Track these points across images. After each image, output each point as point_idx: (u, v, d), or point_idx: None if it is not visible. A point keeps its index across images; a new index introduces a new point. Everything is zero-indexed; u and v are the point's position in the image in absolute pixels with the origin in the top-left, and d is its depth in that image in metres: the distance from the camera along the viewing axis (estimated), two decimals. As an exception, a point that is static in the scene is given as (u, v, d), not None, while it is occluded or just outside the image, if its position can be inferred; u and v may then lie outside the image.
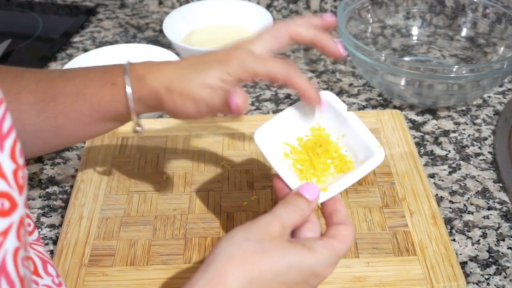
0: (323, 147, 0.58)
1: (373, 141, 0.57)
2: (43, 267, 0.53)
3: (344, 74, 0.99)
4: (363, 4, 0.99)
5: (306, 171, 0.57)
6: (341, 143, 0.59)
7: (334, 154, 0.58)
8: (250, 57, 0.57)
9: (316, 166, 0.57)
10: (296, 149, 0.59)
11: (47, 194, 0.77)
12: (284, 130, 0.59)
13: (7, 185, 0.37)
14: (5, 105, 0.38)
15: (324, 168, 0.57)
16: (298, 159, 0.58)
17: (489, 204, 0.75)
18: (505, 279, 0.66)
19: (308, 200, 0.51)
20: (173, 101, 0.57)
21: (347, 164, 0.58)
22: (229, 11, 1.07)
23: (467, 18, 1.00)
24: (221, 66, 0.57)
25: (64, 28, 1.10)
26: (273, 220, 0.49)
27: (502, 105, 0.92)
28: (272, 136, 0.58)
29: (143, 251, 0.67)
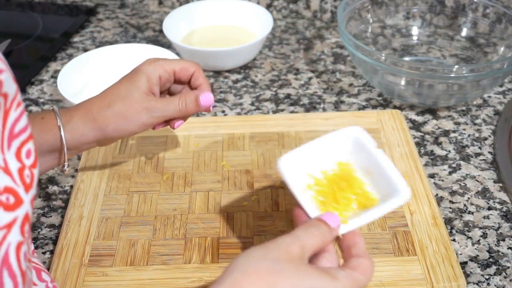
0: (348, 182, 0.57)
1: (400, 179, 0.56)
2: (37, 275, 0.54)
3: (344, 74, 0.99)
4: (363, 4, 0.99)
5: (328, 204, 0.56)
6: (366, 180, 0.58)
7: (358, 190, 0.57)
8: (161, 60, 0.67)
9: (339, 200, 0.56)
10: (320, 182, 0.58)
11: (47, 194, 0.77)
12: (309, 161, 0.58)
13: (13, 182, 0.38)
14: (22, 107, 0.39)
15: (346, 203, 0.56)
16: (320, 191, 0.57)
17: (489, 204, 0.75)
18: (505, 279, 0.66)
19: (330, 226, 0.50)
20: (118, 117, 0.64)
21: (371, 201, 0.56)
22: (229, 11, 1.07)
23: (467, 18, 1.00)
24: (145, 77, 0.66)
25: (64, 28, 1.10)
26: (293, 242, 0.48)
27: (502, 105, 0.92)
28: (296, 165, 0.57)
29: (143, 251, 0.67)
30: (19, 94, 0.39)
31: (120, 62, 0.94)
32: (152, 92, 0.66)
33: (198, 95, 0.67)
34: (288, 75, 0.99)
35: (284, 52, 1.05)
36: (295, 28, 1.12)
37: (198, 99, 0.66)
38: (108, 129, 0.64)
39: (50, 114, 0.64)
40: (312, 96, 0.94)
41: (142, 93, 0.65)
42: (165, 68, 0.67)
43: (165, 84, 0.68)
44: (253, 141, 0.82)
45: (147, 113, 0.65)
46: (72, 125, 0.64)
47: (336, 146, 0.59)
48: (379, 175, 0.57)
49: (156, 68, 0.66)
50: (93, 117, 0.64)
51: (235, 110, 0.91)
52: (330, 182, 0.57)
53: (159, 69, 0.66)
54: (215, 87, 0.96)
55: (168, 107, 0.66)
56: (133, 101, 0.64)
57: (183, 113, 0.67)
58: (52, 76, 1.00)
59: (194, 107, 0.67)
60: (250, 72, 1.00)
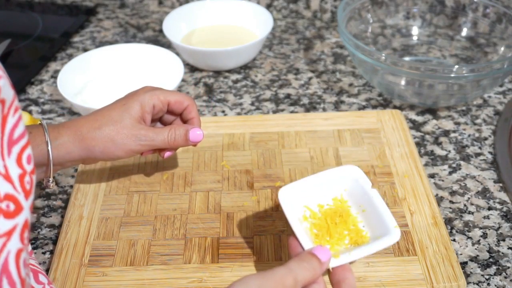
0: (342, 218, 0.61)
1: (391, 220, 0.59)
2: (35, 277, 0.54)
3: (344, 74, 0.99)
4: (363, 4, 0.99)
5: (322, 237, 0.59)
6: (360, 218, 0.62)
7: (351, 226, 0.60)
8: (158, 89, 0.69)
9: (332, 234, 0.59)
10: (315, 215, 0.61)
11: (47, 194, 0.77)
12: (307, 194, 0.61)
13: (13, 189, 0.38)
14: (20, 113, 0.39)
15: (339, 238, 0.59)
16: (315, 224, 0.60)
17: (490, 204, 0.75)
18: (505, 279, 0.66)
19: (320, 261, 0.53)
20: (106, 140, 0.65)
21: (362, 239, 0.60)
22: (229, 11, 1.07)
23: (467, 18, 1.00)
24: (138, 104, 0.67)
25: (64, 28, 1.10)
26: (287, 274, 0.51)
27: (502, 105, 0.92)
28: (295, 196, 0.60)
29: (143, 251, 0.67)
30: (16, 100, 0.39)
31: (120, 62, 0.94)
32: (144, 120, 0.68)
33: (188, 130, 0.68)
34: (288, 75, 0.99)
35: (284, 52, 1.05)
36: (295, 28, 1.12)
37: (187, 134, 0.68)
38: (95, 150, 0.65)
39: (38, 128, 0.64)
40: (312, 96, 0.94)
41: (133, 120, 0.66)
42: (160, 99, 0.68)
43: (158, 113, 0.69)
44: (253, 141, 0.82)
45: (135, 140, 0.66)
46: (59, 142, 0.64)
47: (333, 182, 0.63)
48: (372, 214, 0.61)
49: (152, 98, 0.67)
50: (82, 137, 0.65)
51: (235, 110, 0.91)
52: (325, 216, 0.61)
53: (155, 98, 0.67)
54: (215, 87, 0.96)
55: (157, 137, 0.67)
56: (124, 126, 0.66)
57: (171, 145, 0.68)
58: (52, 76, 1.00)
59: (183, 142, 0.68)
60: (250, 72, 1.00)
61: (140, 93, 0.68)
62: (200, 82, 0.98)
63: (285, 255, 0.66)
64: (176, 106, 0.69)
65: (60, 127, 0.65)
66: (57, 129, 0.65)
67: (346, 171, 0.63)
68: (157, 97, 0.68)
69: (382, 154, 0.79)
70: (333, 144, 0.81)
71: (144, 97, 0.67)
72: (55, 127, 0.65)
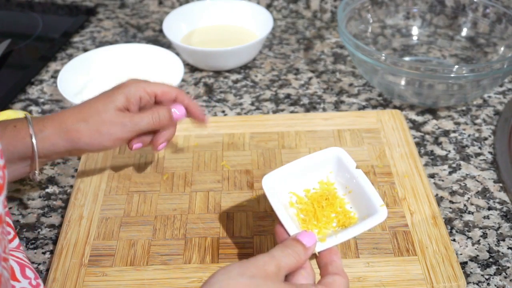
0: (329, 201, 0.61)
1: (378, 199, 0.59)
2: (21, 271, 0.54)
3: (344, 74, 0.99)
4: (363, 4, 0.99)
5: (309, 222, 0.59)
6: (347, 199, 0.62)
7: (338, 209, 0.60)
8: (144, 82, 0.69)
9: (320, 218, 0.59)
10: (302, 200, 0.61)
11: (47, 194, 0.77)
12: (292, 180, 0.61)
13: None
14: None
15: (327, 221, 0.59)
16: (302, 209, 0.60)
17: (489, 204, 0.75)
18: (505, 279, 0.66)
19: (305, 246, 0.53)
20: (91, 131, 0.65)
21: (350, 220, 0.60)
22: (229, 11, 1.07)
23: (467, 18, 1.00)
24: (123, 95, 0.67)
25: (64, 28, 1.10)
26: (269, 260, 0.50)
27: (502, 105, 0.92)
28: (280, 183, 0.60)
29: (143, 251, 0.67)
30: None
31: (120, 62, 0.94)
32: (129, 110, 0.68)
33: (171, 108, 0.68)
34: (288, 75, 0.99)
35: (284, 52, 1.05)
36: (295, 28, 1.12)
37: (171, 111, 0.68)
38: (80, 142, 0.65)
39: (22, 122, 0.65)
40: (312, 96, 0.94)
41: (117, 109, 0.66)
42: (147, 91, 0.68)
43: (146, 105, 0.69)
44: (253, 141, 0.82)
45: (121, 128, 0.66)
46: (44, 134, 0.64)
47: (318, 165, 0.62)
48: (359, 195, 0.61)
49: (138, 89, 0.68)
50: (67, 129, 0.65)
51: (235, 110, 0.91)
52: (311, 201, 0.61)
53: (141, 90, 0.68)
54: (215, 87, 0.96)
55: (142, 120, 0.67)
56: (108, 116, 0.66)
57: (157, 126, 0.68)
58: (52, 76, 1.00)
59: (167, 120, 0.68)
60: (250, 72, 1.00)
61: (126, 85, 0.68)
62: (200, 82, 0.98)
63: (285, 255, 0.66)
64: (164, 97, 0.69)
65: (45, 120, 0.65)
66: (41, 122, 0.65)
67: (330, 153, 0.63)
68: (143, 89, 0.68)
69: (382, 154, 0.79)
70: (333, 144, 0.81)
71: (129, 89, 0.67)
72: (40, 119, 0.65)
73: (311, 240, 0.53)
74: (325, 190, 0.62)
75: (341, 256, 0.66)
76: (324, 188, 0.62)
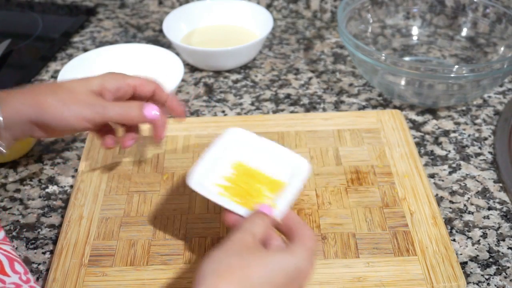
0: (251, 176, 0.62)
1: (293, 155, 0.61)
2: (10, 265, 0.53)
3: (344, 74, 0.99)
4: (363, 4, 0.99)
5: (246, 201, 0.60)
6: (264, 168, 0.63)
7: (263, 179, 0.62)
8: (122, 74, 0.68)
9: (252, 192, 0.60)
10: (228, 187, 0.61)
11: (47, 194, 0.77)
12: (210, 173, 0.62)
13: None
14: None
15: (259, 193, 0.60)
16: (234, 194, 0.61)
17: (489, 204, 0.75)
18: (505, 279, 0.66)
19: (267, 214, 0.55)
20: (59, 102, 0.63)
21: (279, 185, 0.61)
22: (229, 11, 1.07)
23: (467, 18, 1.00)
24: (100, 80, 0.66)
25: (64, 28, 1.10)
26: (243, 233, 0.52)
27: (502, 105, 0.92)
28: (203, 178, 0.61)
29: (143, 251, 0.67)
30: None
31: (120, 62, 0.94)
32: (103, 96, 0.67)
33: (144, 104, 0.67)
34: (288, 75, 0.99)
35: (284, 52, 1.05)
36: (295, 28, 1.12)
37: (142, 106, 0.66)
38: (45, 112, 0.63)
39: None
40: (312, 96, 0.94)
41: (91, 91, 0.65)
42: (126, 81, 0.68)
43: (124, 96, 0.69)
44: (253, 141, 0.82)
45: (88, 107, 0.64)
46: (9, 99, 0.63)
47: (226, 151, 0.64)
48: (274, 160, 0.62)
49: (116, 79, 0.67)
50: (34, 98, 0.63)
51: (235, 110, 0.91)
52: (236, 183, 0.61)
53: (119, 79, 0.67)
54: (215, 87, 0.96)
55: (112, 106, 0.65)
56: (79, 94, 0.64)
57: (126, 117, 0.66)
58: (52, 76, 1.00)
59: (137, 114, 0.66)
60: (250, 72, 1.00)
61: (105, 74, 0.68)
62: (200, 82, 0.98)
63: (285, 255, 0.66)
64: (142, 89, 0.69)
65: (12, 90, 0.64)
66: (8, 91, 0.64)
67: (229, 136, 0.64)
68: (122, 79, 0.67)
69: (382, 154, 0.79)
70: (333, 144, 0.81)
71: (108, 77, 0.67)
72: (7, 90, 0.64)
73: (268, 209, 0.55)
74: (242, 169, 0.63)
75: (341, 256, 0.66)
76: (240, 168, 0.63)
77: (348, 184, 0.75)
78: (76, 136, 0.86)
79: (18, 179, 0.79)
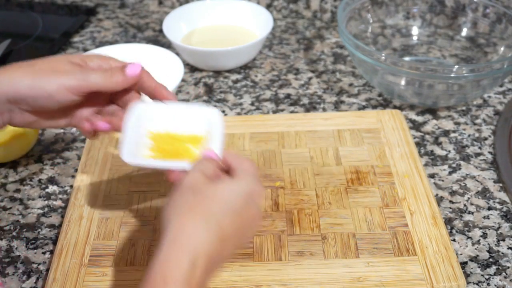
0: (171, 139, 0.62)
1: (201, 109, 0.62)
2: None
3: (344, 74, 0.99)
4: (363, 4, 0.99)
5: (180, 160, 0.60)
6: (180, 130, 0.63)
7: (184, 138, 0.62)
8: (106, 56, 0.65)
9: (181, 152, 0.61)
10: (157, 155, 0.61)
11: (47, 194, 0.77)
12: (135, 146, 0.61)
13: None
14: None
15: (187, 151, 0.61)
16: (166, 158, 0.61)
17: (489, 204, 0.75)
18: (505, 279, 0.66)
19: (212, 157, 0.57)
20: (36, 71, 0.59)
21: (200, 139, 0.61)
22: (229, 11, 1.07)
23: (467, 18, 1.00)
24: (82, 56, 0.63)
25: (64, 28, 1.10)
26: (194, 174, 0.53)
27: (502, 105, 0.92)
28: (132, 152, 0.60)
29: (143, 251, 0.67)
30: None
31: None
32: None
33: (126, 64, 0.63)
34: (288, 75, 0.99)
35: (284, 52, 1.05)
36: (295, 28, 1.12)
37: (124, 68, 0.62)
38: (21, 85, 0.58)
39: None
40: (312, 96, 0.94)
41: (71, 62, 0.61)
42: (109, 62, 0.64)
43: None
44: (253, 141, 0.82)
45: (70, 75, 0.60)
46: None
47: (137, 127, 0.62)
48: (185, 119, 0.62)
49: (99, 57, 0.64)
50: (10, 74, 0.58)
51: (235, 110, 0.91)
52: (162, 150, 0.62)
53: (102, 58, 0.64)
54: (215, 87, 0.96)
55: (94, 72, 0.61)
56: (59, 64, 0.60)
57: (109, 82, 0.62)
58: (52, 76, 1.00)
59: (121, 77, 0.62)
60: (250, 72, 1.00)
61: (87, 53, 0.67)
62: (200, 82, 0.98)
63: (285, 255, 0.66)
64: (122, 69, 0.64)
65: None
66: None
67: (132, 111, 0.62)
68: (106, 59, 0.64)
69: (382, 154, 0.79)
70: (333, 144, 0.81)
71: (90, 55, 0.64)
72: None
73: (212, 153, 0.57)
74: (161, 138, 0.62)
75: (341, 256, 0.66)
76: (158, 137, 0.62)
77: (348, 184, 0.75)
78: (76, 136, 0.86)
79: (18, 179, 0.79)
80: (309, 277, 0.64)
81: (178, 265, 0.46)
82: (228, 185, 0.53)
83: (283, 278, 0.64)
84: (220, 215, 0.50)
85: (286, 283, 0.64)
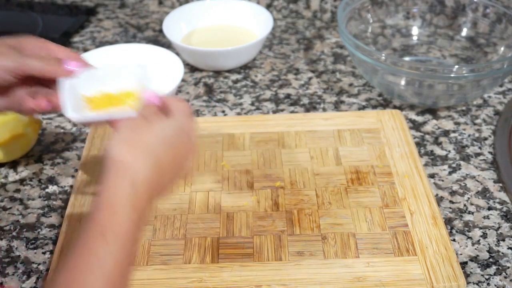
0: (106, 99, 0.63)
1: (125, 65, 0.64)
2: None
3: (344, 74, 0.99)
4: (363, 4, 0.99)
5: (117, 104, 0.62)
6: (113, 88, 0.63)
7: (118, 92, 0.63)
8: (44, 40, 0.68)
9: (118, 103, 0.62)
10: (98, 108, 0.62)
11: (47, 194, 0.77)
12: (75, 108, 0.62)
13: None
14: None
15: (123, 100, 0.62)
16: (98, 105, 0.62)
17: (489, 204, 0.75)
18: (505, 279, 0.66)
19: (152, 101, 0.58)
20: None
21: (133, 93, 0.62)
22: (229, 11, 1.07)
23: (467, 18, 1.00)
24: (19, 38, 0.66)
25: (64, 28, 1.10)
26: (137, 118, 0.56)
27: (502, 105, 0.92)
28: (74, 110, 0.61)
29: (143, 251, 0.67)
30: None
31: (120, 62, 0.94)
32: None
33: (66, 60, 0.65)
34: (288, 75, 0.99)
35: (284, 52, 1.05)
36: (295, 28, 1.12)
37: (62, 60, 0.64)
38: None
39: None
40: (312, 96, 0.94)
41: (7, 44, 0.65)
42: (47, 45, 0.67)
43: None
44: (253, 141, 0.82)
45: (6, 56, 0.64)
46: None
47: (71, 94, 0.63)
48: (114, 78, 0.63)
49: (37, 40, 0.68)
50: None
51: (235, 110, 0.91)
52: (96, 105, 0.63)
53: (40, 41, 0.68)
54: (215, 87, 0.96)
55: (31, 57, 0.64)
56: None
57: (45, 67, 0.64)
58: (52, 76, 1.00)
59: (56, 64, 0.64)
60: (250, 72, 1.00)
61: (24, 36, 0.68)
62: (200, 82, 0.98)
63: (285, 255, 0.67)
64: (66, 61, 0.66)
65: None
66: None
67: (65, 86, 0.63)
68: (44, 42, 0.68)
69: (382, 154, 0.79)
70: (333, 144, 0.81)
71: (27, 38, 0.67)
72: None
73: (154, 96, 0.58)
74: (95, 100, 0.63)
75: (341, 256, 0.66)
76: (93, 99, 0.63)
77: (348, 184, 0.75)
78: (76, 136, 0.86)
79: (18, 179, 0.79)
80: (309, 277, 0.64)
81: (121, 190, 0.50)
82: (163, 122, 0.56)
83: (283, 278, 0.64)
84: (155, 145, 0.54)
85: (286, 283, 0.64)
